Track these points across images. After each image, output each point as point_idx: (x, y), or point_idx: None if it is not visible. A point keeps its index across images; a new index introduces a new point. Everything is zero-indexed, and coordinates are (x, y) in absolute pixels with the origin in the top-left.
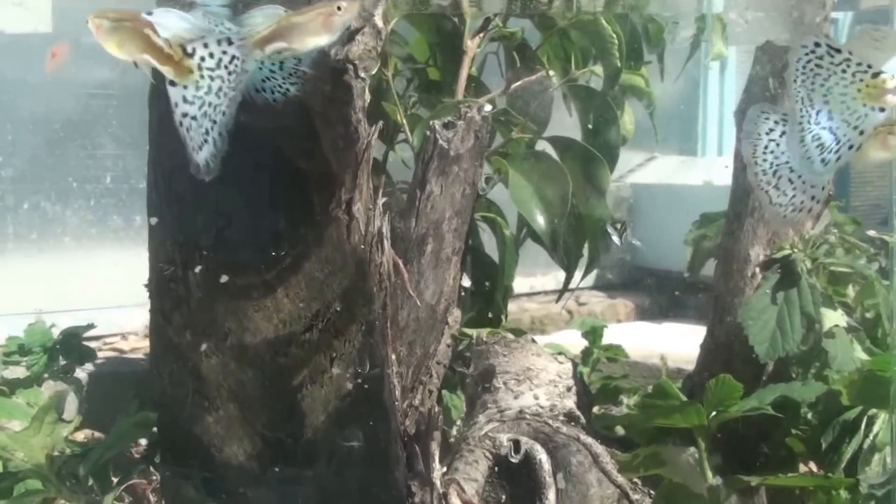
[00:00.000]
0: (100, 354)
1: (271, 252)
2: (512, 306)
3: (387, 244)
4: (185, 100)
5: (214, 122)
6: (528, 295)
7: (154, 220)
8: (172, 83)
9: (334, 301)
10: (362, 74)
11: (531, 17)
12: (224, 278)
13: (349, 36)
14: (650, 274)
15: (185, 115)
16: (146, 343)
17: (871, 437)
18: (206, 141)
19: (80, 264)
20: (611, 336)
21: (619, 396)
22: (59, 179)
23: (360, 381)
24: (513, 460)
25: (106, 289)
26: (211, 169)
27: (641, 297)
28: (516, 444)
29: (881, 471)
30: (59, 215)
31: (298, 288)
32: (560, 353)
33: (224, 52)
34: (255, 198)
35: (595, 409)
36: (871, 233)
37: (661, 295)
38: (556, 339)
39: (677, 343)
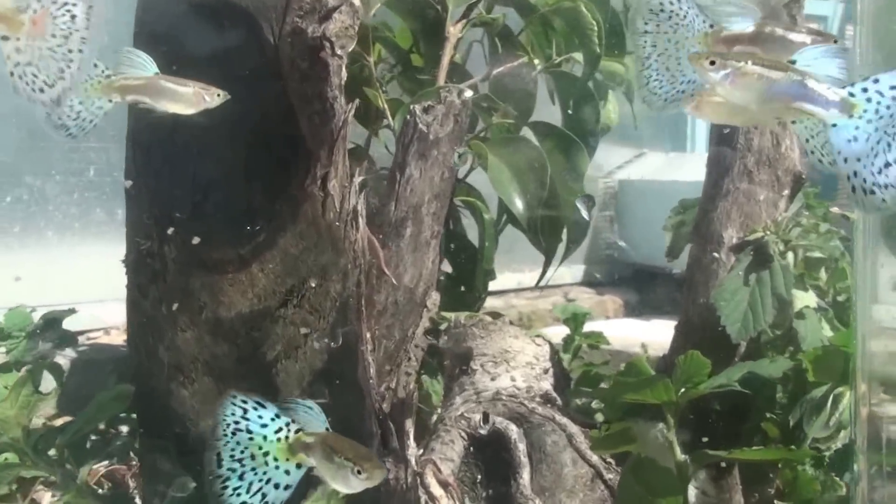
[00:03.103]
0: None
1: (246, 226)
2: (499, 302)
3: (362, 222)
4: (17, 50)
5: (71, 60)
6: (516, 291)
7: (128, 184)
8: (5, 38)
9: (309, 277)
10: (339, 52)
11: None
12: (199, 252)
13: (326, 14)
14: (639, 271)
15: (17, 63)
16: None
17: (836, 414)
18: (61, 77)
19: (63, 258)
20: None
21: (601, 383)
22: (42, 173)
23: (333, 356)
24: (482, 432)
25: (88, 283)
26: (61, 101)
27: (630, 294)
28: (485, 416)
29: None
30: (41, 209)
31: (273, 263)
32: (538, 336)
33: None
34: (230, 172)
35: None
36: (835, 209)
37: (649, 292)
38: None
39: (662, 336)
